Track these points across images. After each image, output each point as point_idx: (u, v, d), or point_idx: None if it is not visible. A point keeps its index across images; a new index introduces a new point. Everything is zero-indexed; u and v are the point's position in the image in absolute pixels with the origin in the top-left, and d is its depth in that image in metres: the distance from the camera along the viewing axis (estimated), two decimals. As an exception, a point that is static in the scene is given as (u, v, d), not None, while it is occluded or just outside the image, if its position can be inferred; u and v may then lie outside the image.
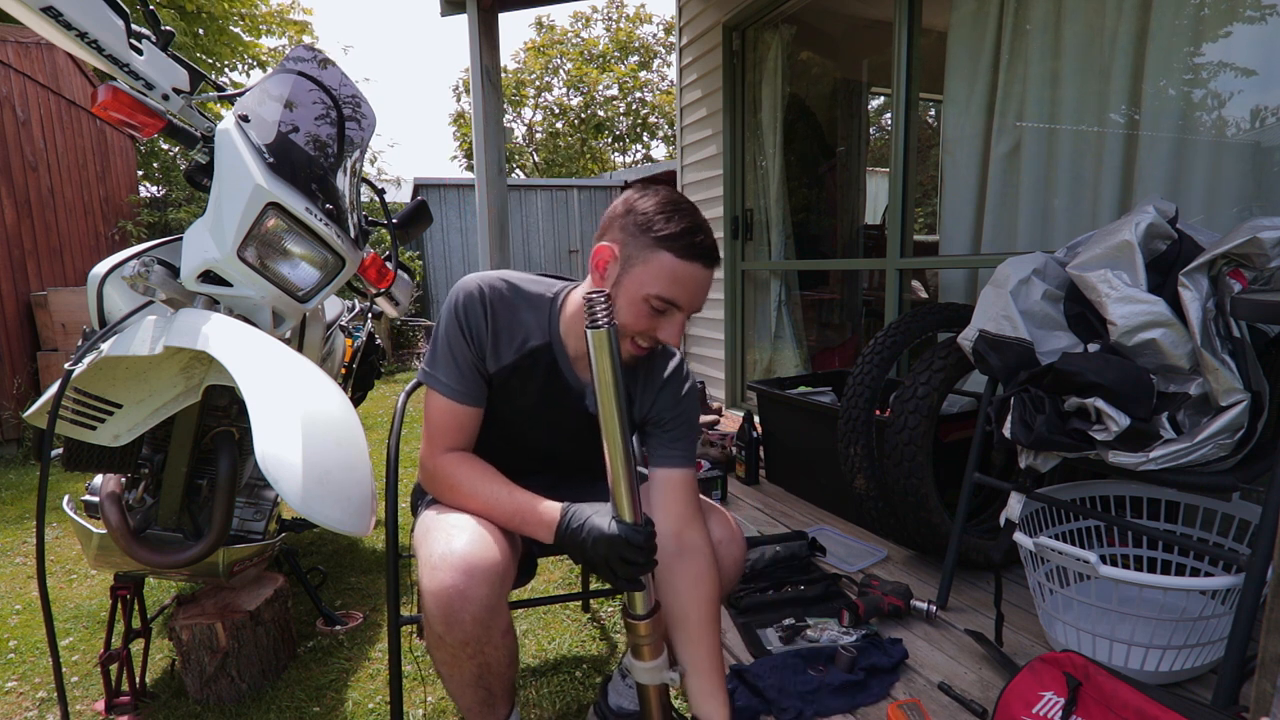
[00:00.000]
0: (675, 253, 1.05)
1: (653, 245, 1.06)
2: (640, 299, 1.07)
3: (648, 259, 1.06)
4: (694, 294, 1.09)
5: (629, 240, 1.08)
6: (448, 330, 1.16)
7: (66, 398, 1.29)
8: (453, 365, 1.16)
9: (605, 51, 16.94)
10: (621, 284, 1.09)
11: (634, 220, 1.08)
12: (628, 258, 1.08)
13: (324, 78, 1.60)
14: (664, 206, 1.08)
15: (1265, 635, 0.84)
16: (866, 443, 1.92)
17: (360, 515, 1.14)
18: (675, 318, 1.09)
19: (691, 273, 1.07)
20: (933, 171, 3.82)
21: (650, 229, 1.06)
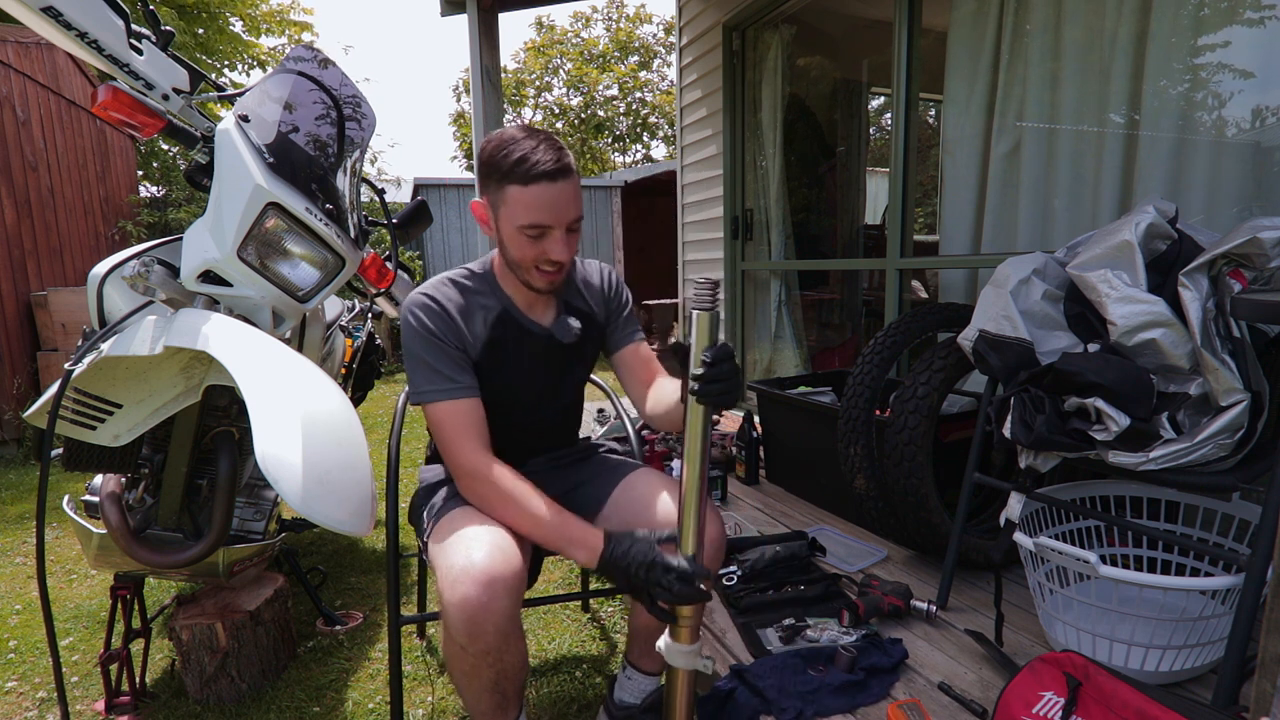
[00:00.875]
0: (518, 181, 1.12)
1: (499, 185, 1.14)
2: (515, 232, 1.16)
3: (503, 198, 1.15)
4: (557, 210, 1.14)
5: (486, 187, 1.17)
6: (418, 345, 1.21)
7: (66, 398, 1.29)
8: (436, 369, 1.19)
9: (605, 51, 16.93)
10: (499, 228, 1.19)
11: (481, 169, 1.17)
12: (492, 204, 1.18)
13: (324, 78, 1.60)
14: (500, 145, 1.14)
15: (1265, 635, 0.84)
16: (866, 443, 1.92)
17: (360, 515, 1.14)
18: (554, 236, 1.17)
19: (540, 194, 1.12)
20: (933, 171, 3.82)
21: (493, 170, 1.14)
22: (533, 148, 1.12)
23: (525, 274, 1.22)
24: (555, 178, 1.12)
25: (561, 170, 1.13)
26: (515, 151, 1.12)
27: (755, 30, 3.63)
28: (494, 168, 1.14)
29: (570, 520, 1.13)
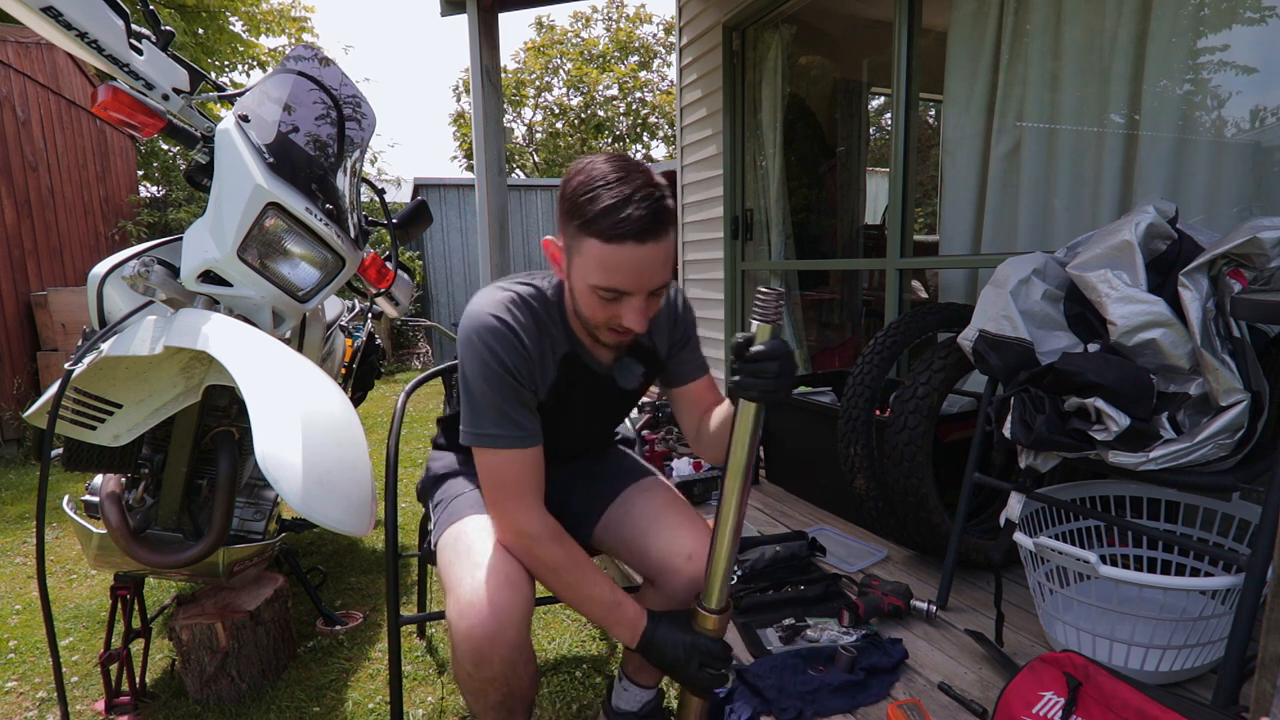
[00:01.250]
0: (600, 238, 0.94)
1: (579, 233, 0.96)
2: (588, 290, 1.00)
3: (580, 249, 0.98)
4: (637, 276, 0.97)
5: (564, 227, 1.00)
6: (489, 377, 1.05)
7: (66, 398, 1.29)
8: (508, 409, 1.06)
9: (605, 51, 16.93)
10: (571, 275, 1.03)
11: (562, 204, 0.99)
12: (568, 248, 1.01)
13: (324, 77, 1.60)
14: (587, 184, 0.95)
15: (1265, 635, 0.84)
16: (866, 443, 1.92)
17: (360, 515, 1.14)
18: (631, 302, 0.99)
19: (624, 256, 0.94)
20: (933, 171, 3.82)
21: (575, 215, 0.96)
22: (624, 196, 0.92)
23: (592, 329, 1.08)
24: (645, 238, 0.94)
25: (655, 230, 0.94)
26: (603, 198, 0.93)
27: (755, 30, 3.63)
28: (576, 210, 0.95)
29: (624, 602, 1.08)
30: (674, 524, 1.23)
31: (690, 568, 1.17)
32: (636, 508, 1.28)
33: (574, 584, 1.07)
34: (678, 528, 1.22)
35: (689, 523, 1.23)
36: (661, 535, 1.22)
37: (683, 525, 1.22)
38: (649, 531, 1.23)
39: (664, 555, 1.20)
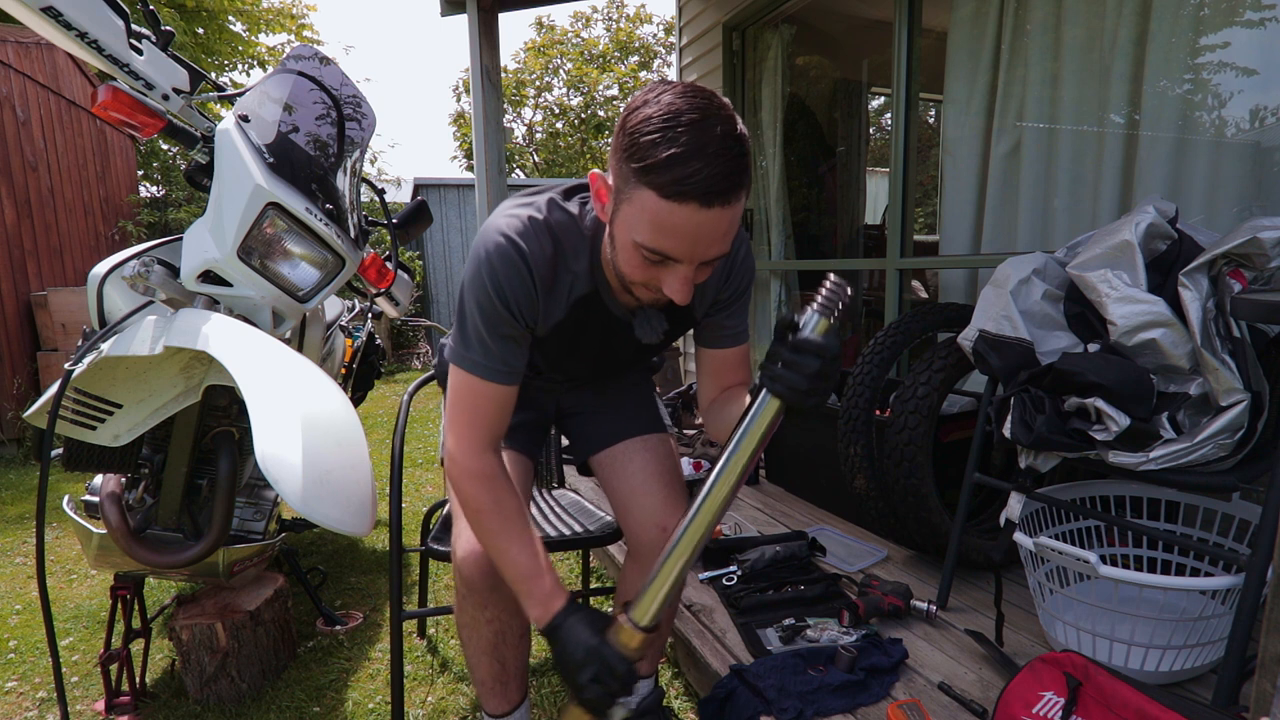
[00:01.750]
0: (658, 191, 0.77)
1: (636, 177, 0.79)
2: (632, 245, 0.84)
3: (632, 195, 0.81)
4: (693, 243, 0.82)
5: (619, 165, 0.82)
6: (483, 303, 0.96)
7: (66, 398, 1.29)
8: (493, 343, 0.98)
9: (605, 51, 16.93)
10: (615, 221, 0.86)
11: (623, 138, 0.81)
12: (619, 190, 0.84)
13: (324, 77, 1.60)
14: (655, 120, 0.77)
15: (1265, 635, 0.84)
16: (866, 443, 1.92)
17: (360, 515, 1.14)
18: (677, 270, 0.85)
19: (681, 218, 0.78)
20: (933, 171, 3.82)
21: (633, 155, 0.79)
22: (697, 145, 0.76)
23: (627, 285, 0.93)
24: (713, 201, 0.78)
25: (726, 193, 0.78)
26: (670, 142, 0.76)
27: (755, 30, 3.63)
28: (634, 150, 0.78)
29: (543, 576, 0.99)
30: (660, 494, 1.24)
31: (662, 540, 1.18)
32: (633, 463, 1.27)
33: (495, 533, 1.00)
34: (663, 500, 1.23)
35: (675, 497, 1.24)
36: (644, 502, 1.23)
37: (669, 498, 1.23)
38: (635, 493, 1.25)
39: (640, 523, 1.23)
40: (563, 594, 0.98)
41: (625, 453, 1.30)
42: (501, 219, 0.97)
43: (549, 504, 1.82)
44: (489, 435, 1.02)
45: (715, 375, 1.16)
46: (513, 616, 1.15)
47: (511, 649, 1.17)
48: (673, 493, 1.24)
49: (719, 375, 1.16)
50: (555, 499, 1.85)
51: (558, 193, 1.01)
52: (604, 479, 1.32)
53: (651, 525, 1.22)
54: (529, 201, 1.00)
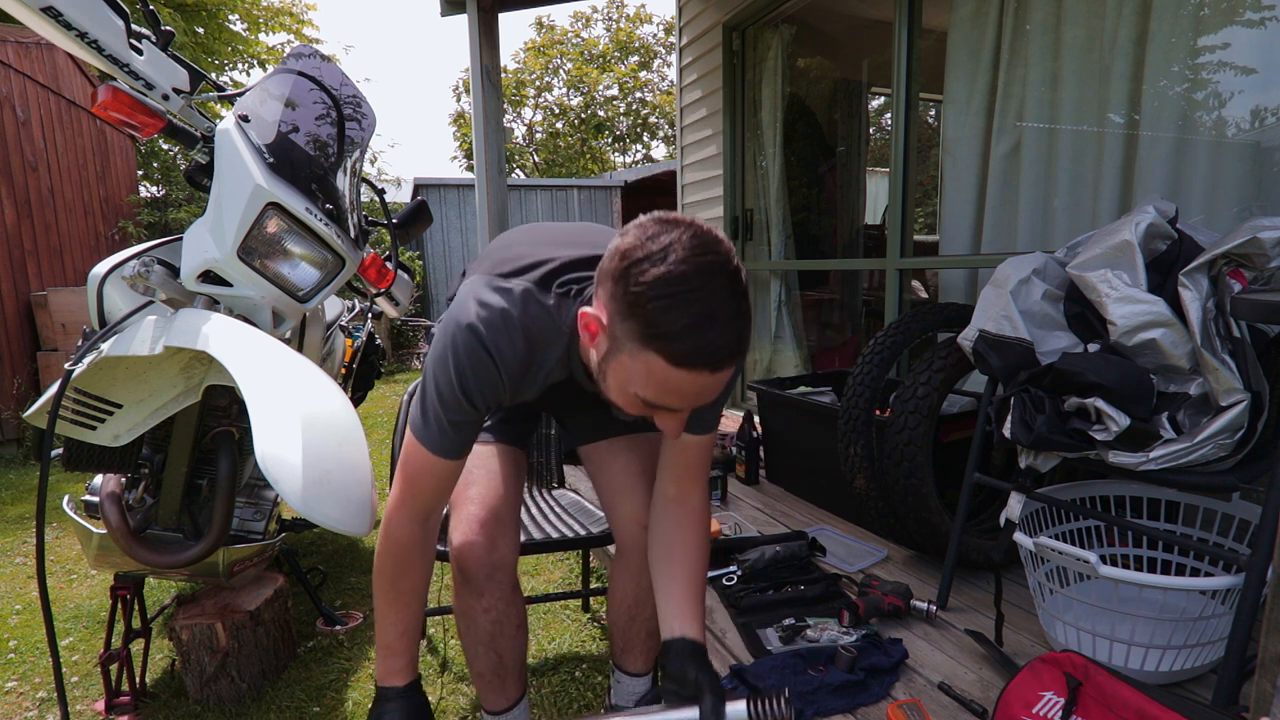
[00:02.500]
0: (668, 358, 0.77)
1: (641, 341, 0.78)
2: (630, 393, 0.85)
3: (634, 354, 0.79)
4: (695, 399, 0.83)
5: (617, 317, 0.80)
6: (445, 394, 0.95)
7: (66, 398, 1.29)
8: (449, 427, 0.98)
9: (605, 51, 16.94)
10: (609, 364, 0.85)
11: (626, 293, 0.78)
12: (615, 338, 0.82)
13: (324, 77, 1.60)
14: (668, 285, 0.75)
15: (1265, 635, 0.84)
16: (866, 443, 1.92)
17: (360, 515, 1.14)
18: (676, 417, 0.88)
19: (690, 382, 0.79)
20: (933, 171, 3.82)
21: (639, 317, 0.77)
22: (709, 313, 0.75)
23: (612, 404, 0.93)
24: (722, 366, 0.78)
25: (735, 356, 0.79)
26: (683, 311, 0.75)
27: (755, 30, 3.63)
28: (641, 313, 0.76)
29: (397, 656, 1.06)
30: (643, 493, 1.25)
31: (644, 537, 1.21)
32: (618, 461, 1.28)
33: (383, 593, 1.06)
34: (646, 499, 1.24)
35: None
36: (630, 498, 1.25)
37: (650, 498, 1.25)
38: (619, 490, 1.27)
39: (624, 521, 1.24)
40: (406, 676, 1.06)
41: (611, 449, 1.31)
42: (474, 305, 0.93)
43: (549, 504, 1.82)
44: (424, 507, 1.04)
45: (673, 463, 1.12)
46: (509, 606, 1.17)
47: (509, 640, 1.19)
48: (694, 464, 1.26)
49: (677, 462, 1.12)
50: (555, 499, 1.85)
51: (534, 282, 0.97)
52: (591, 472, 1.34)
53: (634, 524, 1.24)
54: (505, 287, 0.96)
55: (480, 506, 1.16)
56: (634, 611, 1.30)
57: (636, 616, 1.29)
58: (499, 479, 1.21)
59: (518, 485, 1.26)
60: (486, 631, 1.17)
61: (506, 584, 1.17)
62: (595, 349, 0.88)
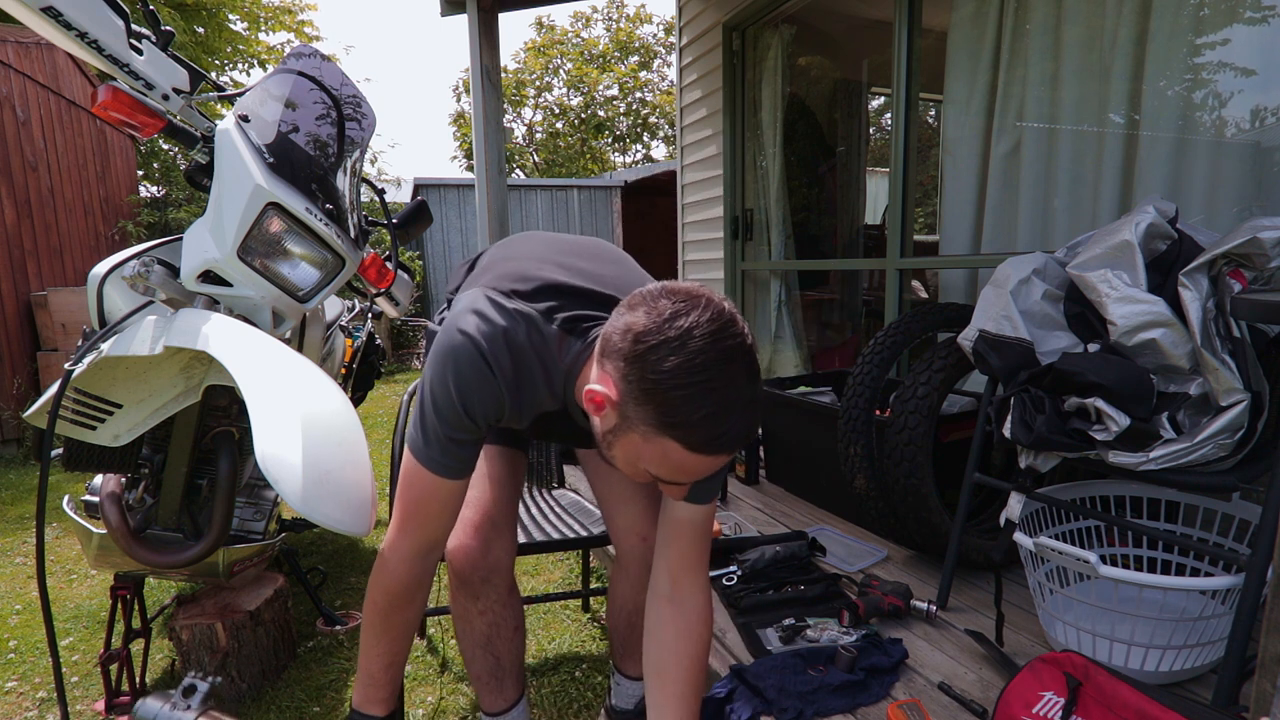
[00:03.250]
0: (687, 446, 0.79)
1: (658, 427, 0.79)
2: (640, 467, 0.86)
3: (649, 437, 0.80)
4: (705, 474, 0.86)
5: (631, 400, 0.80)
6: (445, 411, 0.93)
7: (66, 398, 1.29)
8: (452, 446, 0.95)
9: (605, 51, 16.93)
10: (618, 438, 0.85)
11: (642, 379, 0.78)
12: (626, 418, 0.81)
13: (324, 77, 1.60)
14: (688, 375, 0.75)
15: (1265, 635, 0.84)
16: (866, 443, 1.92)
17: (360, 515, 1.14)
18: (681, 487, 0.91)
19: (707, 464, 0.82)
20: (933, 171, 3.82)
21: (658, 403, 0.77)
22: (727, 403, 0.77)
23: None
24: (734, 451, 0.82)
25: (744, 442, 0.82)
26: (703, 403, 0.76)
27: (755, 30, 3.63)
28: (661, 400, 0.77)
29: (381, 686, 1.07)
30: (641, 504, 1.26)
31: (642, 548, 1.23)
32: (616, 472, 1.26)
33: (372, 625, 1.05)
34: (643, 510, 1.25)
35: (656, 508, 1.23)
36: (627, 509, 1.26)
37: (648, 509, 1.25)
38: (617, 500, 1.27)
39: (622, 531, 1.26)
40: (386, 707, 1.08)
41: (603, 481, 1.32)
42: (475, 319, 0.91)
43: (549, 504, 1.82)
44: (427, 540, 1.02)
45: (672, 545, 1.07)
46: (506, 609, 1.17)
47: (506, 642, 1.19)
48: (653, 503, 1.25)
49: (676, 544, 1.07)
50: (555, 499, 1.86)
51: (540, 311, 0.95)
52: (590, 478, 1.34)
53: (632, 534, 1.24)
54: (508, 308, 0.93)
55: (475, 510, 1.16)
56: (633, 620, 1.30)
57: (636, 625, 1.29)
58: (494, 482, 1.21)
59: (514, 487, 1.25)
60: (483, 634, 1.17)
61: (503, 587, 1.17)
62: (601, 419, 0.86)
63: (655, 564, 1.10)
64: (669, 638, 1.06)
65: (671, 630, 1.06)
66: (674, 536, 1.06)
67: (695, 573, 1.07)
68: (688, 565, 1.07)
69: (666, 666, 1.05)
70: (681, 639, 1.05)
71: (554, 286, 0.97)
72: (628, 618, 1.31)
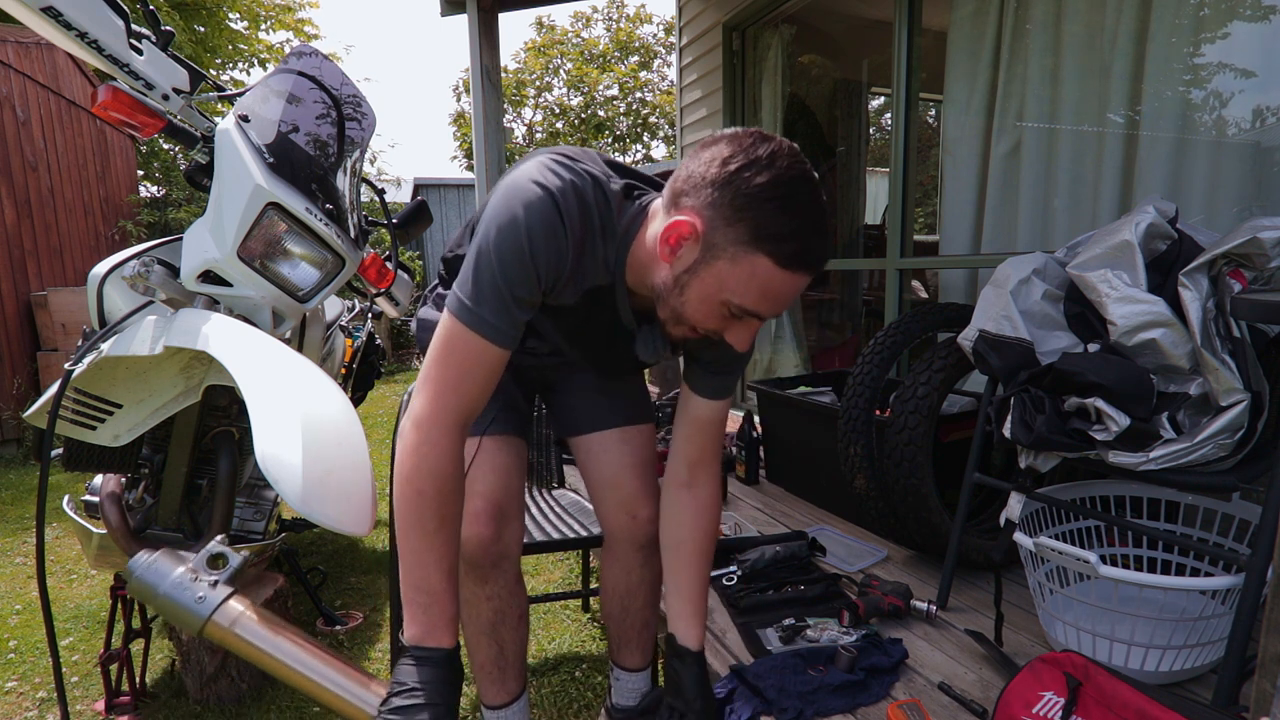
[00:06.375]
0: (778, 259, 0.80)
1: (750, 242, 0.80)
2: (718, 301, 0.85)
3: (738, 257, 0.81)
4: (786, 304, 0.86)
5: (719, 222, 0.81)
6: (509, 259, 0.87)
7: (66, 398, 1.29)
8: (511, 302, 0.89)
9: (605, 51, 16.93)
10: (697, 273, 0.84)
11: (735, 197, 0.80)
12: (712, 245, 0.82)
13: (324, 77, 1.60)
14: (778, 189, 0.79)
15: (1265, 635, 0.84)
16: (866, 443, 1.92)
17: (360, 515, 1.14)
18: (751, 324, 0.89)
19: (790, 283, 0.83)
20: (933, 171, 3.82)
21: (751, 217, 0.79)
22: (814, 218, 0.81)
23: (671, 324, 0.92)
24: (815, 271, 0.84)
25: (824, 265, 0.86)
26: (801, 213, 0.80)
27: (755, 30, 3.63)
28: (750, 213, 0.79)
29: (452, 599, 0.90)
30: (632, 485, 1.26)
31: (632, 526, 1.25)
32: (609, 453, 1.29)
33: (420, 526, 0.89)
34: (635, 490, 1.26)
35: (647, 488, 1.28)
36: (616, 491, 1.27)
37: (641, 489, 1.26)
38: (608, 483, 1.28)
39: (611, 510, 1.27)
40: (448, 635, 0.89)
41: (602, 443, 1.31)
42: (542, 169, 0.89)
43: (549, 504, 1.82)
44: (469, 408, 0.93)
45: (690, 436, 1.16)
46: (512, 596, 1.18)
47: (510, 631, 1.20)
48: (645, 484, 1.27)
49: (694, 436, 1.16)
50: (555, 499, 1.86)
51: (601, 170, 0.94)
52: (580, 463, 1.34)
53: (622, 512, 1.26)
54: (570, 165, 0.91)
55: (485, 500, 1.16)
56: (626, 603, 1.31)
57: (629, 608, 1.30)
58: (500, 472, 1.21)
59: (520, 477, 1.26)
60: (488, 620, 1.18)
61: (511, 573, 1.18)
62: (675, 261, 0.86)
63: (672, 458, 1.19)
64: (686, 517, 1.17)
65: (689, 511, 1.17)
66: (694, 433, 1.16)
67: (710, 464, 1.18)
68: (704, 458, 1.17)
69: (683, 539, 1.17)
70: (697, 517, 1.17)
71: (605, 161, 0.98)
72: (620, 601, 1.32)
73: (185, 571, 0.88)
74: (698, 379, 1.14)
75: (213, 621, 0.86)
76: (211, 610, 0.86)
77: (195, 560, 0.91)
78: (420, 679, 0.84)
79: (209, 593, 0.87)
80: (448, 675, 0.86)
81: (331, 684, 0.87)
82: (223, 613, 0.86)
